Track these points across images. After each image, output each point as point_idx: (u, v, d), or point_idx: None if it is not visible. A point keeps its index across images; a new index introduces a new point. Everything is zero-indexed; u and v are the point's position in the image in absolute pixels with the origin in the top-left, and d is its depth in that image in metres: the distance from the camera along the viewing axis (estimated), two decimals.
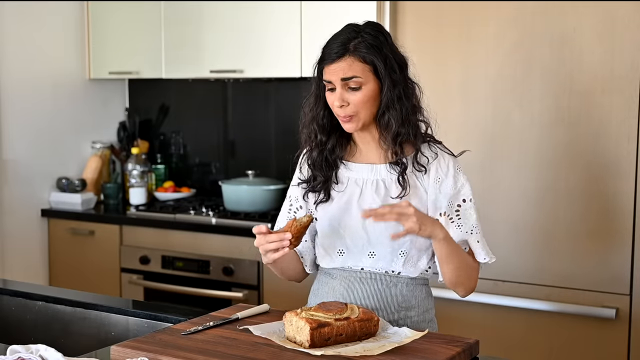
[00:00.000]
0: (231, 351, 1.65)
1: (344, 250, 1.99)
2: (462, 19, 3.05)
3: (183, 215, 3.76)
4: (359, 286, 1.98)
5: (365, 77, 1.89)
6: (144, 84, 4.43)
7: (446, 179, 1.95)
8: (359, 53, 1.89)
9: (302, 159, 2.09)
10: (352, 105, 1.90)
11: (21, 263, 3.94)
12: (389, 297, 1.97)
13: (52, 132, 4.09)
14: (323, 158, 2.01)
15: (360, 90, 1.89)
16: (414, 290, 1.99)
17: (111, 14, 4.12)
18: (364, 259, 1.97)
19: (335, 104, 1.91)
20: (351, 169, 2.01)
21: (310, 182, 2.03)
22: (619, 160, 2.82)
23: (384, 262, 1.96)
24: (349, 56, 1.89)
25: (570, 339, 2.94)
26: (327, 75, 1.92)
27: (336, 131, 2.01)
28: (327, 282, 2.04)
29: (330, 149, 2.00)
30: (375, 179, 1.98)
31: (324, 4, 3.48)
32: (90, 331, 2.16)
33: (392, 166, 1.96)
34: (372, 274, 1.98)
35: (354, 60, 1.89)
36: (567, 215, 2.92)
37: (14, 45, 3.87)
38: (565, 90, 2.89)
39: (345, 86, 1.90)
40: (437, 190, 1.94)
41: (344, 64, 1.89)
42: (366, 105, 1.91)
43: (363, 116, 1.92)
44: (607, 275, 2.87)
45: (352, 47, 1.89)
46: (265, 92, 4.11)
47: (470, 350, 1.71)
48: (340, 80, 1.89)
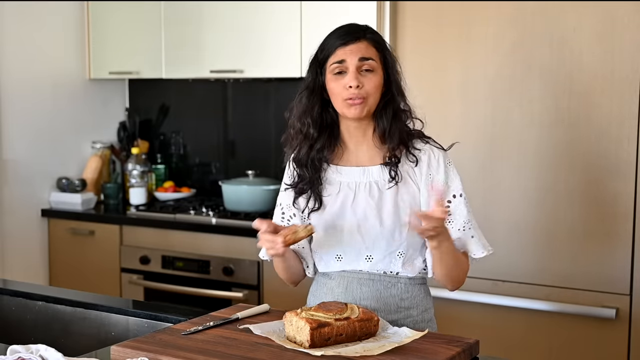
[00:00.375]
0: (231, 351, 1.65)
1: (341, 255, 1.99)
2: (462, 19, 3.05)
3: (183, 215, 3.76)
4: (357, 287, 1.98)
5: (377, 63, 1.93)
6: (144, 84, 4.43)
7: (437, 175, 1.95)
8: (374, 39, 1.94)
9: (289, 163, 2.07)
10: (365, 88, 1.90)
11: (21, 263, 3.94)
12: (388, 298, 1.97)
13: (52, 132, 4.09)
14: (310, 157, 1.98)
15: (374, 75, 1.91)
16: (412, 290, 1.99)
17: (111, 14, 4.12)
18: (362, 263, 1.97)
19: (351, 84, 1.89)
20: (342, 173, 2.00)
21: (296, 184, 2.01)
22: (618, 160, 2.82)
23: (382, 264, 1.96)
24: (365, 40, 1.93)
25: (570, 339, 2.94)
26: (340, 56, 1.91)
27: (326, 131, 1.99)
28: (326, 284, 2.03)
29: (319, 148, 1.98)
30: (368, 181, 1.97)
31: (324, 4, 3.48)
32: (90, 331, 2.16)
33: (383, 167, 1.96)
34: (371, 274, 1.98)
35: (369, 45, 1.93)
36: (567, 216, 2.92)
37: (14, 45, 3.87)
38: (565, 90, 2.89)
39: (359, 68, 1.90)
40: (429, 187, 1.95)
41: (362, 45, 1.92)
42: (377, 91, 1.92)
43: (370, 102, 1.92)
44: (607, 275, 2.87)
45: (367, 34, 1.94)
46: (265, 92, 4.11)
47: (470, 350, 1.71)
48: (358, 60, 1.90)
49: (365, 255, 1.96)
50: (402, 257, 1.95)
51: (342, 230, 1.97)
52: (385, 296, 1.97)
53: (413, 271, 1.98)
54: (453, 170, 1.97)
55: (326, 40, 1.96)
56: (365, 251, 1.96)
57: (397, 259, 1.95)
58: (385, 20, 3.19)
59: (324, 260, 2.02)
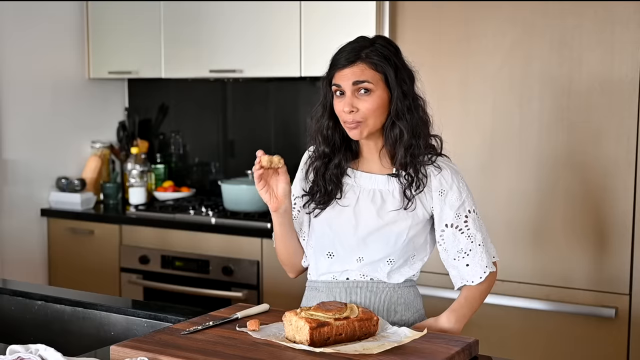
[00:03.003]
0: (231, 351, 1.65)
1: (333, 253, 1.99)
2: (462, 19, 3.05)
3: (182, 215, 3.76)
4: (345, 296, 1.98)
5: (375, 84, 1.89)
6: (144, 83, 4.43)
7: (450, 190, 1.94)
8: (371, 60, 1.89)
9: (308, 161, 2.07)
10: (361, 111, 1.89)
11: (21, 263, 3.94)
12: (377, 303, 1.97)
13: (51, 132, 4.09)
14: (325, 171, 2.00)
15: (370, 97, 1.89)
16: (402, 294, 1.99)
17: (111, 13, 4.12)
18: (352, 263, 1.97)
19: (344, 109, 1.90)
20: (350, 175, 2.01)
21: (313, 194, 2.02)
22: (618, 159, 2.82)
23: (370, 268, 1.96)
24: (361, 62, 1.89)
25: (570, 338, 2.94)
26: (337, 80, 1.91)
27: (342, 145, 1.99)
28: (315, 296, 2.03)
29: (337, 164, 1.99)
30: (373, 188, 1.98)
31: (324, 4, 3.48)
32: (90, 331, 2.16)
33: (390, 178, 1.96)
34: (358, 282, 1.98)
35: (365, 67, 1.89)
36: (566, 215, 2.92)
37: (14, 45, 3.87)
38: (565, 90, 2.89)
39: (355, 92, 1.89)
40: (442, 203, 1.94)
41: (356, 69, 1.89)
42: (375, 113, 1.90)
43: (370, 124, 1.91)
44: (607, 275, 2.87)
45: (364, 55, 1.90)
46: (265, 92, 4.11)
47: (470, 350, 1.71)
48: (352, 84, 1.89)
49: (358, 256, 1.96)
50: (390, 264, 1.95)
51: (339, 229, 1.97)
52: (375, 302, 1.97)
53: (400, 278, 1.98)
54: (465, 189, 1.96)
55: (332, 59, 1.95)
56: (358, 252, 1.96)
57: (386, 264, 1.95)
58: (385, 20, 3.19)
59: (315, 256, 2.02)
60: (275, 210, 1.97)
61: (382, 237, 1.94)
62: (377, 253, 1.95)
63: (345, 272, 1.99)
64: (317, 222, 2.01)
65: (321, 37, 3.50)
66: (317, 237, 2.02)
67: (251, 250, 3.48)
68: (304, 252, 2.08)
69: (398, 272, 1.98)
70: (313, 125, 2.02)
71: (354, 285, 1.98)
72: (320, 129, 1.99)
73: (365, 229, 1.95)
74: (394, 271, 1.97)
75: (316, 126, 2.01)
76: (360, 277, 1.98)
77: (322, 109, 2.00)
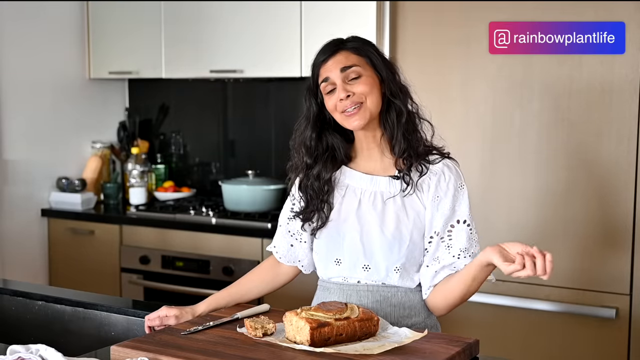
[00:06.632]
0: (231, 351, 1.65)
1: (340, 259, 1.97)
2: (462, 19, 3.05)
3: (183, 215, 3.76)
4: (356, 299, 1.95)
5: (363, 67, 1.91)
6: (144, 83, 4.43)
7: (445, 198, 1.91)
8: (352, 45, 1.93)
9: (294, 187, 2.07)
10: (357, 94, 1.89)
11: (21, 263, 3.94)
12: (388, 308, 1.95)
13: (52, 132, 4.09)
14: (310, 183, 1.98)
15: (361, 80, 1.89)
16: (412, 299, 1.96)
17: (111, 13, 4.12)
18: (359, 271, 1.95)
19: (340, 96, 1.89)
20: (350, 176, 1.99)
21: (303, 213, 2.00)
22: (619, 160, 2.82)
23: (379, 276, 1.94)
24: (343, 50, 1.93)
25: (570, 338, 2.94)
26: (324, 74, 1.92)
27: (324, 154, 1.98)
28: (326, 297, 2.01)
29: (315, 175, 1.98)
30: (374, 190, 1.95)
31: (324, 4, 3.48)
32: (90, 331, 2.16)
33: (392, 180, 1.95)
34: (369, 286, 1.95)
35: (349, 53, 1.92)
36: (567, 215, 2.92)
37: (14, 45, 3.87)
38: (565, 90, 2.89)
39: (345, 79, 1.89)
40: (434, 209, 1.92)
41: (340, 57, 1.92)
42: (371, 92, 1.89)
43: (370, 105, 1.89)
44: (607, 275, 2.87)
45: (343, 45, 1.94)
46: (265, 92, 4.11)
47: (470, 350, 1.71)
48: (340, 72, 1.89)
49: (363, 264, 1.94)
50: (398, 272, 1.93)
51: (344, 237, 1.95)
52: (385, 306, 1.94)
53: (412, 283, 1.95)
54: (463, 195, 1.93)
55: (312, 64, 1.97)
56: (364, 260, 1.94)
57: (394, 273, 1.93)
58: (385, 20, 3.19)
59: (323, 262, 2.01)
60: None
61: (386, 246, 1.91)
62: (383, 262, 1.93)
63: (355, 277, 1.97)
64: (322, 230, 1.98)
65: (321, 37, 3.43)
66: (323, 244, 1.99)
67: (251, 250, 3.48)
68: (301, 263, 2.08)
69: (409, 278, 1.94)
70: (297, 138, 2.02)
71: (364, 289, 1.95)
72: (303, 140, 1.99)
73: (370, 239, 1.92)
74: (404, 277, 1.94)
75: (300, 138, 2.00)
76: (371, 281, 1.95)
77: (305, 121, 1.99)
